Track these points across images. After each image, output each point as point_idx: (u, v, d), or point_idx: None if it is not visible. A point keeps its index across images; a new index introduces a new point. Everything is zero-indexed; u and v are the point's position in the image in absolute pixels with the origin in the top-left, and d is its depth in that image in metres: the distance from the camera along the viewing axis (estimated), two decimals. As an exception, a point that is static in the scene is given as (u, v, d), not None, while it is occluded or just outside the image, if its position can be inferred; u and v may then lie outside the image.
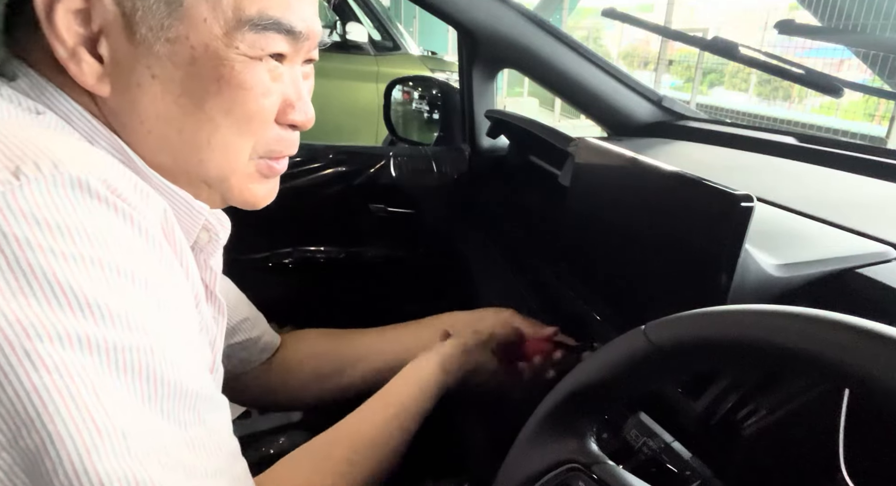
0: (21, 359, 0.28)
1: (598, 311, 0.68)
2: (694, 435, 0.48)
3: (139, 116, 0.40)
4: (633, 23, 1.07)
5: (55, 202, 0.31)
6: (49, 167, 0.31)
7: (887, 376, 0.24)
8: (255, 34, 0.39)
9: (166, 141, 0.41)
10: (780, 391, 0.45)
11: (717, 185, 0.47)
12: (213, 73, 0.39)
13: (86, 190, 0.32)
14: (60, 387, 0.29)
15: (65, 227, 0.31)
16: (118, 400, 0.31)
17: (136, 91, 0.39)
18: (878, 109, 5.55)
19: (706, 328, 0.32)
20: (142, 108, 0.39)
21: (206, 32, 0.38)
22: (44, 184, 0.30)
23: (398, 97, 1.52)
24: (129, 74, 0.38)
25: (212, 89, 0.39)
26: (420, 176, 1.27)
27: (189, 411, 0.35)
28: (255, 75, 0.40)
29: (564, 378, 0.41)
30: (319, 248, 1.29)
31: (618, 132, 1.10)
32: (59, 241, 0.30)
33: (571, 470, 0.39)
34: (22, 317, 0.29)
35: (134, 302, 0.33)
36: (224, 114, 0.40)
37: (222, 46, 0.39)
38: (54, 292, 0.30)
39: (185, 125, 0.40)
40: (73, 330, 0.30)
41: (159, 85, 0.39)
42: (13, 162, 0.30)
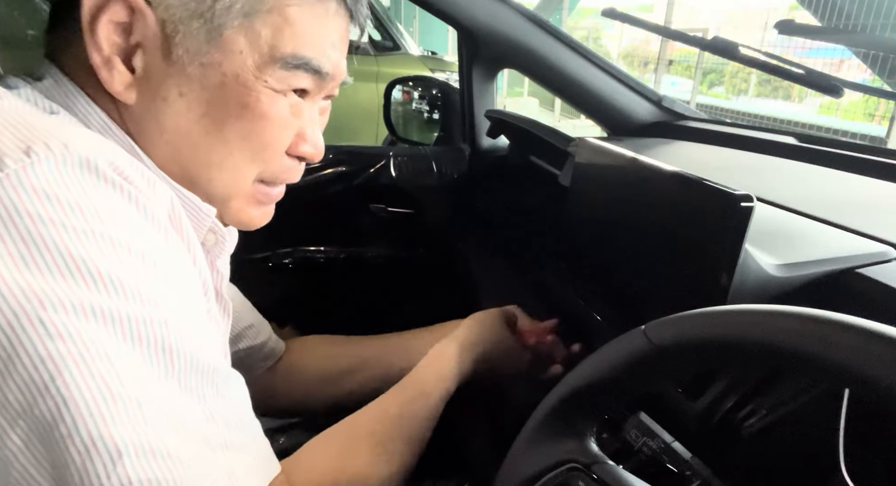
0: (36, 327, 0.29)
1: (598, 311, 0.68)
2: (694, 435, 0.48)
3: (159, 127, 0.41)
4: (633, 23, 1.07)
5: (65, 180, 0.31)
6: (59, 147, 0.32)
7: (887, 377, 0.24)
8: (285, 71, 0.41)
9: (180, 154, 0.42)
10: (780, 391, 0.45)
11: (717, 185, 0.47)
12: (238, 101, 0.41)
13: (93, 170, 0.33)
14: (75, 354, 0.29)
15: (76, 203, 0.31)
16: (133, 370, 0.31)
17: (162, 104, 0.40)
18: (878, 109, 5.56)
19: (706, 328, 0.32)
20: (164, 120, 0.41)
21: (240, 63, 0.40)
22: (54, 162, 0.31)
23: (398, 97, 1.52)
24: (157, 88, 0.40)
25: (234, 115, 0.41)
26: (420, 176, 1.27)
27: (208, 384, 0.36)
28: (278, 108, 0.42)
29: (564, 378, 0.41)
30: (319, 248, 1.29)
31: (618, 132, 1.10)
32: (70, 216, 0.31)
33: (571, 470, 0.39)
34: (36, 288, 0.29)
35: (145, 277, 0.33)
36: (241, 139, 0.42)
37: (252, 77, 0.40)
38: (67, 264, 0.30)
39: (202, 143, 0.42)
40: (86, 301, 0.30)
41: (185, 103, 0.40)
42: (24, 142, 0.31)
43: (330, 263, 1.30)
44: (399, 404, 0.57)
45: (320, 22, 0.42)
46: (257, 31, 0.40)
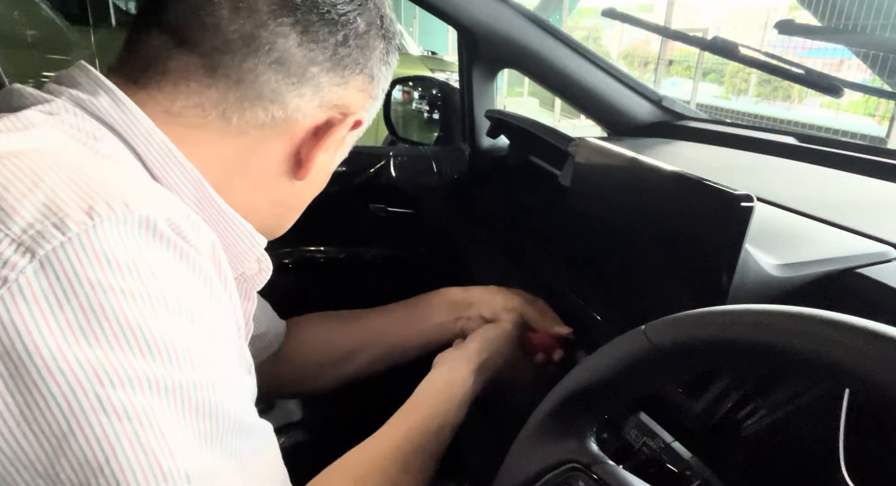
0: (93, 404, 0.29)
1: (598, 311, 0.68)
2: (694, 435, 0.48)
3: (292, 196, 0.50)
4: (633, 23, 1.07)
5: (125, 241, 0.31)
6: (121, 207, 0.31)
7: (887, 376, 0.24)
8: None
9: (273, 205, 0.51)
10: (780, 391, 0.45)
11: (717, 185, 0.47)
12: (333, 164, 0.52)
13: (152, 229, 0.32)
14: (129, 433, 0.29)
15: (133, 265, 0.31)
16: (183, 442, 0.31)
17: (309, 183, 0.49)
18: (878, 109, 5.56)
19: (706, 328, 0.32)
20: (304, 192, 0.52)
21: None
22: (115, 224, 0.31)
23: (398, 97, 1.52)
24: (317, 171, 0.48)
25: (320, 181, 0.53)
26: (420, 176, 1.27)
27: (247, 444, 0.36)
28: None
29: (564, 378, 0.41)
30: (319, 248, 1.29)
31: (618, 132, 1.10)
32: (128, 280, 0.30)
33: (571, 470, 0.39)
34: (94, 361, 0.29)
35: (195, 338, 0.33)
36: (312, 194, 0.54)
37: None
38: (125, 334, 0.30)
39: (304, 198, 0.53)
40: (143, 372, 0.30)
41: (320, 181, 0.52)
42: (86, 202, 0.30)
43: (330, 263, 1.30)
44: (415, 435, 0.56)
45: None
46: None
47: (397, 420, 0.58)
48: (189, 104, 0.40)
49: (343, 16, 0.42)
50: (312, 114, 0.44)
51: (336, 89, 0.44)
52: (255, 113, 0.42)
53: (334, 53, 0.43)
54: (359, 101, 0.47)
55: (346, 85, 0.45)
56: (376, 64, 0.47)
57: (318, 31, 0.41)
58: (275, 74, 0.41)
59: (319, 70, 0.42)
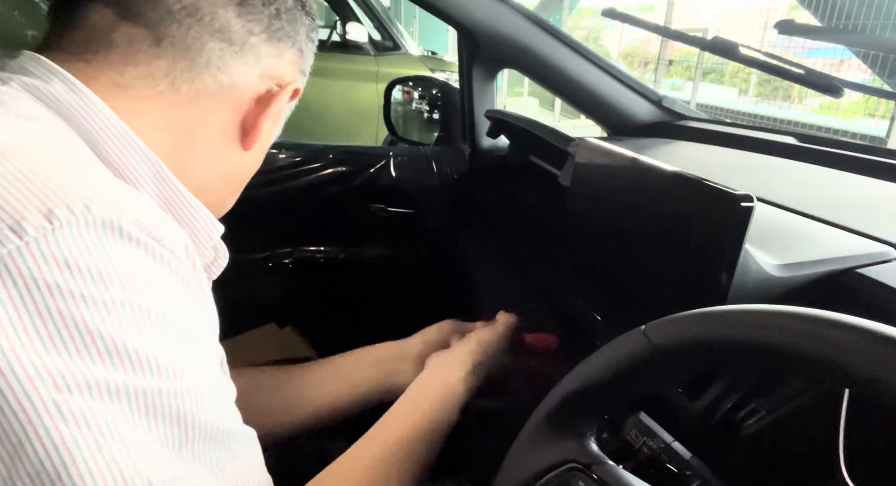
0: (50, 410, 0.28)
1: (598, 311, 0.68)
2: (694, 435, 0.48)
3: (219, 159, 0.47)
4: (633, 23, 1.07)
5: (87, 245, 0.30)
6: (81, 209, 0.30)
7: (888, 377, 0.24)
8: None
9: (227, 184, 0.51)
10: (780, 391, 0.45)
11: (717, 185, 0.47)
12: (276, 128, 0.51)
13: (117, 231, 0.31)
14: (89, 439, 0.29)
15: (96, 270, 0.30)
16: (148, 448, 0.31)
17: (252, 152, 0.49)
18: (878, 109, 5.56)
19: (706, 328, 0.32)
20: (247, 160, 0.50)
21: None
22: (76, 226, 0.30)
23: (398, 97, 1.52)
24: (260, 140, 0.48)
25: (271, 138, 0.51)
26: (420, 176, 1.27)
27: (222, 450, 0.35)
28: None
29: (564, 378, 0.41)
30: (319, 248, 1.29)
31: (618, 132, 1.10)
32: (89, 285, 0.30)
33: (571, 470, 0.39)
34: (51, 366, 0.28)
35: (165, 345, 0.32)
36: (256, 164, 0.52)
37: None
38: (83, 339, 0.29)
39: (252, 166, 0.51)
40: (102, 379, 0.29)
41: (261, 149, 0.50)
42: (44, 203, 0.29)
43: (330, 263, 1.30)
44: (407, 440, 0.55)
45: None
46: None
47: (388, 423, 0.57)
48: (138, 75, 0.40)
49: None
50: (255, 83, 0.46)
51: (273, 61, 0.46)
52: (204, 81, 0.42)
53: (269, 25, 0.45)
54: (292, 73, 0.49)
55: (280, 57, 0.47)
56: (304, 39, 0.49)
57: (253, 4, 0.44)
58: (219, 43, 0.42)
59: (258, 40, 0.44)
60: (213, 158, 0.47)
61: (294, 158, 1.22)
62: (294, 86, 0.48)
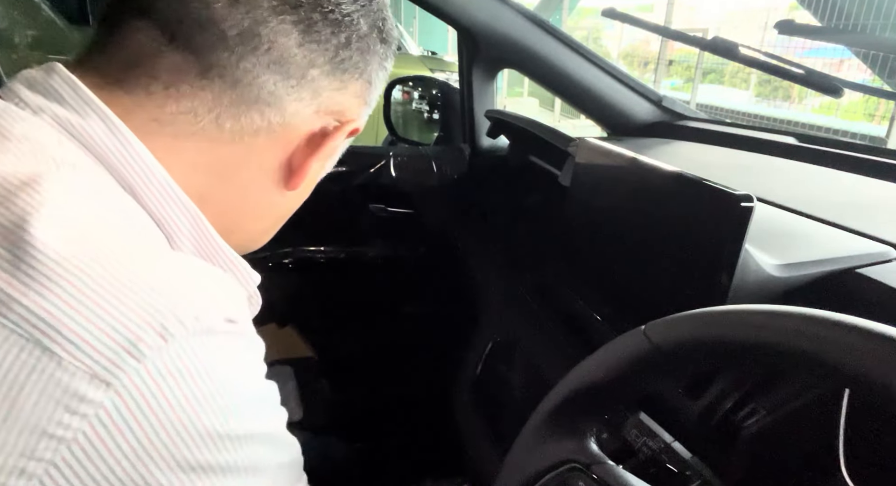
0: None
1: (598, 311, 0.68)
2: (694, 435, 0.48)
3: (285, 207, 0.47)
4: (633, 23, 1.07)
5: (195, 351, 0.30)
6: (192, 321, 0.30)
7: (887, 377, 0.24)
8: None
9: (274, 224, 0.49)
10: (780, 391, 0.45)
11: (717, 185, 0.47)
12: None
13: (213, 333, 0.31)
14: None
15: (203, 372, 0.30)
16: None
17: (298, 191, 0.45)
18: (878, 109, 5.56)
19: (706, 328, 0.32)
20: (291, 200, 0.47)
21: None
22: (185, 337, 0.29)
23: (398, 97, 1.53)
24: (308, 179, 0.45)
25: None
26: (420, 176, 1.27)
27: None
28: None
29: (564, 378, 0.41)
30: (319, 248, 1.30)
31: (618, 132, 1.10)
32: (200, 386, 0.30)
33: (571, 470, 0.39)
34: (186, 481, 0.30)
35: (271, 420, 0.36)
36: (298, 202, 0.49)
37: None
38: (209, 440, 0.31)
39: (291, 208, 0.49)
40: (232, 461, 0.32)
41: (307, 188, 0.47)
42: (156, 318, 0.29)
43: (330, 263, 1.30)
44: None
45: None
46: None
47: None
48: (180, 110, 0.36)
49: (347, 16, 0.39)
50: (309, 120, 0.41)
51: (335, 94, 0.41)
52: (251, 118, 0.38)
53: (335, 55, 0.40)
54: (355, 107, 0.44)
55: (344, 90, 0.42)
56: (375, 69, 0.44)
57: (320, 31, 0.38)
58: (273, 76, 0.37)
59: (319, 73, 0.39)
60: (251, 200, 0.43)
61: (294, 158, 1.22)
62: (354, 125, 0.44)
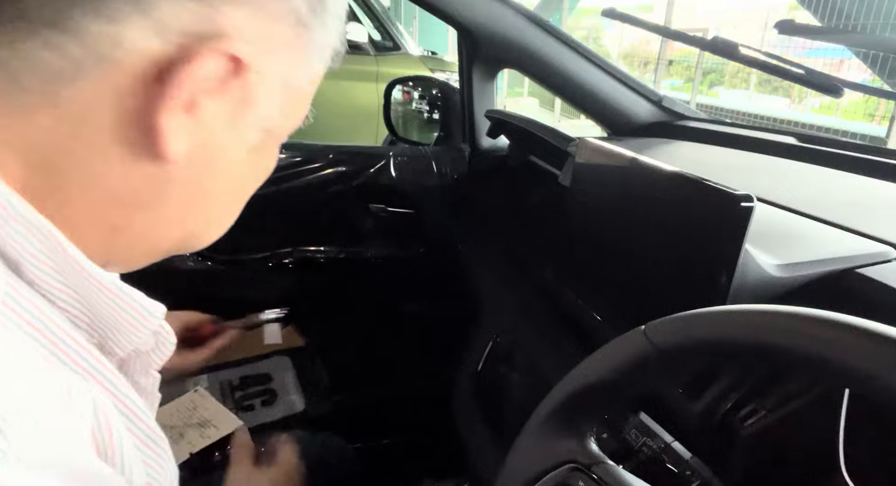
0: None
1: (598, 311, 0.68)
2: (694, 435, 0.48)
3: (190, 190, 0.32)
4: (633, 23, 1.07)
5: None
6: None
7: (887, 377, 0.24)
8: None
9: (198, 214, 0.34)
10: (780, 391, 0.45)
11: (717, 185, 0.47)
12: (269, 163, 0.38)
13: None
14: None
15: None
16: None
17: (202, 168, 0.31)
18: (878, 109, 5.55)
19: (706, 328, 0.32)
20: (203, 183, 0.32)
21: (290, 125, 0.36)
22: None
23: (398, 97, 1.53)
24: (209, 149, 0.30)
25: (260, 177, 0.38)
26: (420, 176, 1.27)
27: None
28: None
29: (564, 378, 0.41)
30: (319, 248, 1.29)
31: (618, 132, 1.10)
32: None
33: (571, 470, 0.39)
34: None
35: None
36: (254, 184, 0.38)
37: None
38: None
39: (220, 206, 0.36)
40: None
41: (227, 167, 0.33)
42: None
43: (330, 263, 1.30)
44: None
45: None
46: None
47: None
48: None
49: None
50: (145, 48, 0.25)
51: (191, 4, 0.26)
52: (36, 55, 0.24)
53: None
54: (247, 23, 0.27)
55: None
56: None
57: None
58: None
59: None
60: (113, 185, 0.28)
61: (294, 158, 1.22)
62: (230, 46, 0.27)
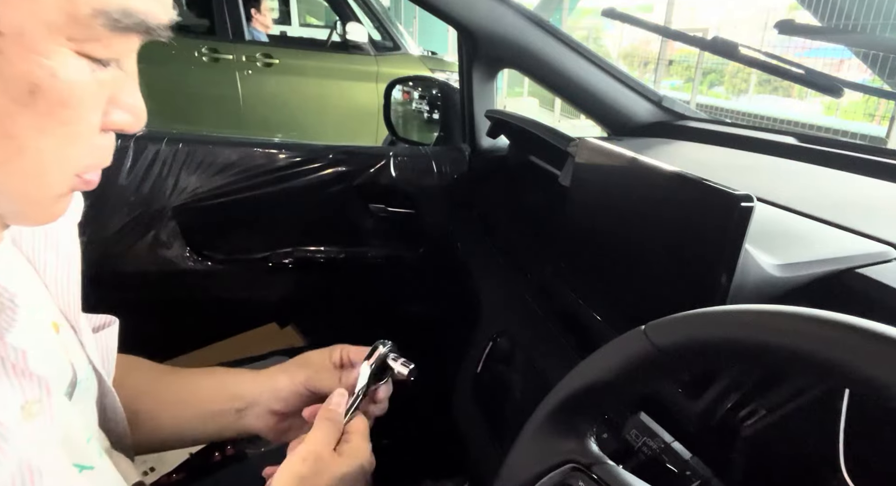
0: None
1: (598, 311, 0.68)
2: (694, 435, 0.48)
3: None
4: (633, 23, 1.07)
5: None
6: None
7: (887, 377, 0.24)
8: (109, 32, 0.28)
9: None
10: (780, 391, 0.45)
11: (717, 185, 0.47)
12: (23, 78, 0.27)
13: None
14: None
15: None
16: None
17: None
18: (878, 109, 5.55)
19: (706, 329, 0.32)
20: None
21: (24, 17, 0.26)
22: None
23: (398, 97, 1.53)
24: None
25: (22, 100, 0.27)
26: (420, 176, 1.27)
27: None
28: (78, 79, 0.29)
29: (564, 378, 0.41)
30: (319, 248, 1.30)
31: (618, 132, 1.10)
32: None
33: (571, 470, 0.39)
34: None
35: None
36: (39, 132, 0.29)
37: (48, 43, 0.27)
38: None
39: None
40: None
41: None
42: None
43: (330, 263, 1.30)
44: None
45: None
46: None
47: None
48: None
49: None
50: None
51: None
52: None
53: None
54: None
55: None
56: None
57: None
58: None
59: None
60: None
61: (294, 158, 1.22)
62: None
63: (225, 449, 0.92)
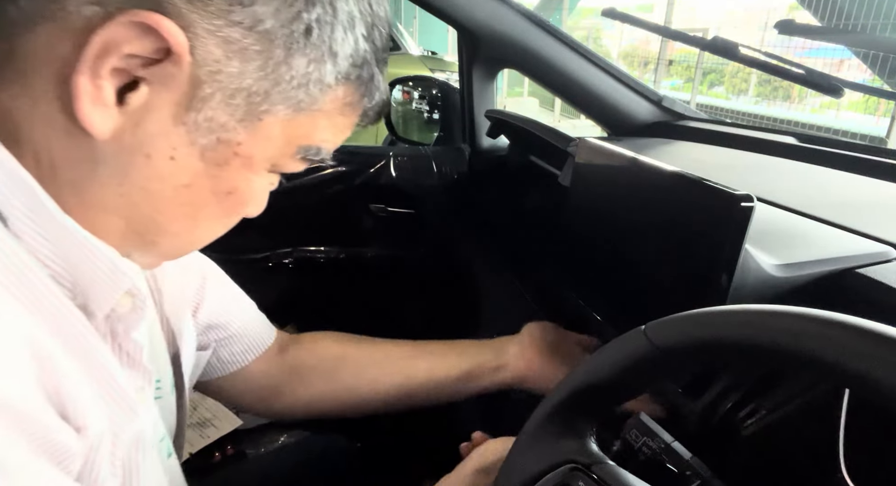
0: None
1: (598, 311, 0.68)
2: (694, 435, 0.48)
3: (120, 178, 0.32)
4: (633, 23, 1.07)
5: None
6: None
7: (888, 377, 0.24)
8: (294, 160, 0.37)
9: (134, 210, 0.34)
10: (780, 391, 0.45)
11: (717, 185, 0.47)
12: (231, 183, 0.35)
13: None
14: None
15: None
16: None
17: (140, 160, 0.32)
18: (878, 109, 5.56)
19: (706, 328, 0.32)
20: (133, 175, 0.32)
21: (261, 149, 0.34)
22: None
23: (398, 97, 1.53)
24: (143, 141, 0.31)
25: (219, 194, 0.35)
26: (420, 176, 1.27)
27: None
28: (260, 189, 0.38)
29: (564, 378, 0.41)
30: (319, 248, 1.30)
31: (618, 132, 1.10)
32: None
33: (571, 470, 0.39)
34: None
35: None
36: (213, 218, 0.37)
37: (262, 164, 0.35)
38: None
39: (167, 211, 0.34)
40: None
41: (171, 168, 0.32)
42: None
43: (330, 263, 1.30)
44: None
45: (351, 122, 0.39)
46: (298, 122, 0.35)
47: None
48: None
49: None
50: (79, 8, 0.27)
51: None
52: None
53: None
54: (184, 6, 0.28)
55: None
56: None
57: None
58: None
59: None
60: (49, 155, 0.31)
61: (294, 158, 1.22)
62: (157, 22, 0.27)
63: (225, 449, 0.92)
